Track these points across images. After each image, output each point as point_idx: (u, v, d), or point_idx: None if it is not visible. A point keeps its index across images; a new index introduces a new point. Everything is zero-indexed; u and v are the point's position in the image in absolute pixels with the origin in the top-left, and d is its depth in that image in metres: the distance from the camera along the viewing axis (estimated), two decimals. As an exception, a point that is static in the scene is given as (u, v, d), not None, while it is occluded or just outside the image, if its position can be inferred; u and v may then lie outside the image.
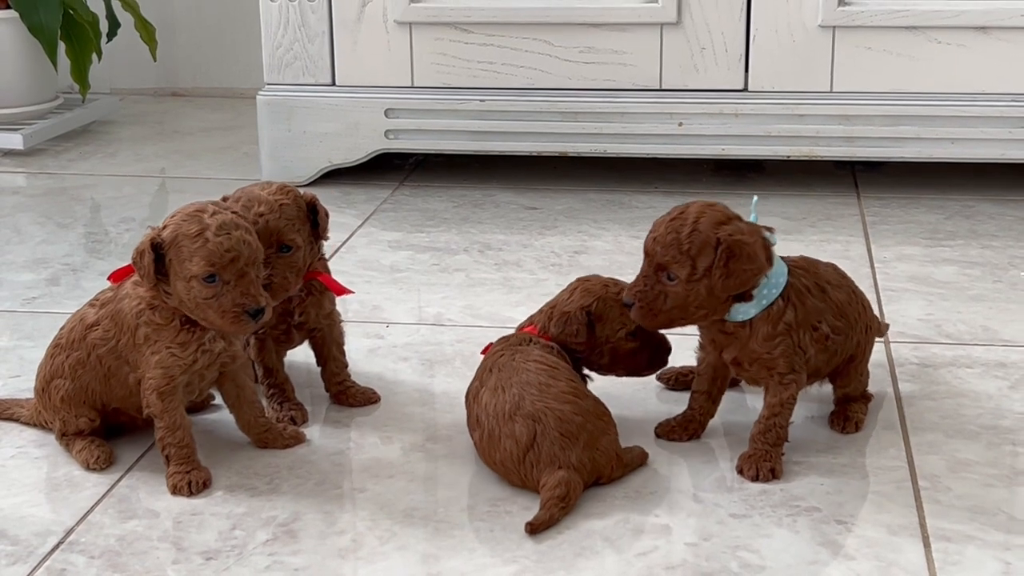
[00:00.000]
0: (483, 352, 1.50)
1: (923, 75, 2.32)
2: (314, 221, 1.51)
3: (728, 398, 1.53)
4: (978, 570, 1.23)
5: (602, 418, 1.39)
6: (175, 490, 1.38)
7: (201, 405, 1.56)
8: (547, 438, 1.33)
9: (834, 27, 2.30)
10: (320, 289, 1.57)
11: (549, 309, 1.49)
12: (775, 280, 1.39)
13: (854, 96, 2.34)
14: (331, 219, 1.56)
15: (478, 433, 1.39)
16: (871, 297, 1.85)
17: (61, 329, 1.47)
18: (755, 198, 1.50)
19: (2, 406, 1.55)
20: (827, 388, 1.53)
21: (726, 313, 1.39)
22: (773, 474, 1.40)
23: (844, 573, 1.23)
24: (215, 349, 1.40)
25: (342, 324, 1.62)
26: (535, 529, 1.29)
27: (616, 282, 1.50)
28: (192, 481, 1.38)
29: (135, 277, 1.39)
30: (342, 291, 1.56)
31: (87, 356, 1.43)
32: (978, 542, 1.28)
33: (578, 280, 1.52)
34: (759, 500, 1.36)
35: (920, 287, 1.96)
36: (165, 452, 1.40)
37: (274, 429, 1.48)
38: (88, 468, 1.43)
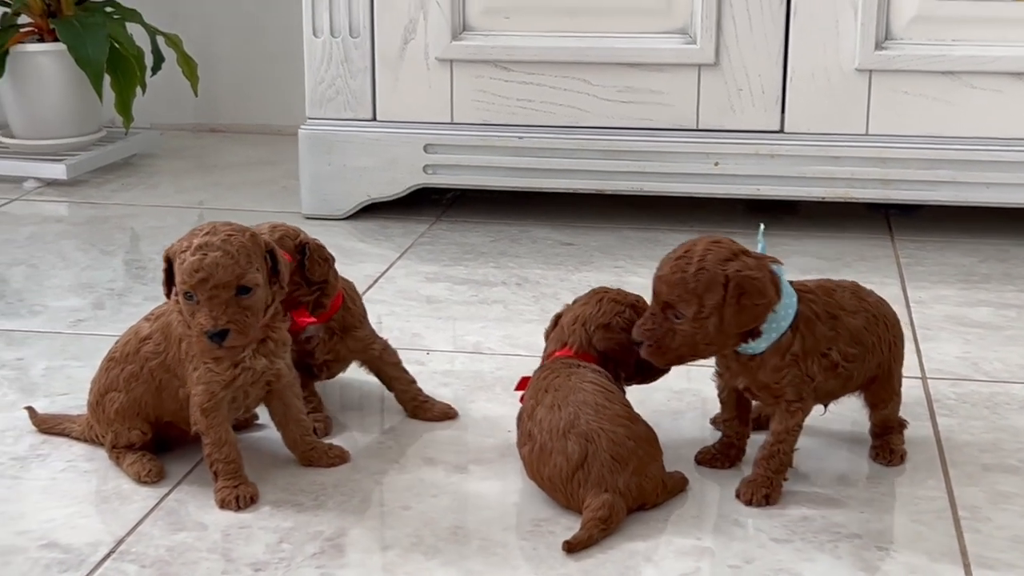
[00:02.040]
0: (518, 388, 1.52)
1: (958, 119, 2.34)
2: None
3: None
4: (1020, 597, 1.24)
5: (652, 444, 1.40)
6: (223, 504, 1.40)
7: (246, 423, 1.59)
8: (598, 460, 1.35)
9: (870, 71, 2.33)
10: (342, 328, 1.60)
11: (580, 327, 1.50)
12: (783, 313, 1.39)
13: (889, 139, 2.36)
14: (369, 251, 1.59)
15: (528, 447, 1.40)
16: (907, 337, 1.87)
17: (116, 343, 1.50)
18: (762, 226, 1.50)
19: (53, 421, 1.58)
20: (861, 420, 1.55)
21: (735, 348, 1.40)
22: (767, 500, 1.41)
23: (886, 597, 1.24)
24: (257, 367, 1.42)
25: (385, 345, 1.65)
26: (572, 548, 1.31)
27: (626, 292, 1.53)
28: (240, 496, 1.40)
29: None
30: (303, 323, 1.56)
31: (140, 369, 1.46)
32: (1019, 570, 1.29)
33: (592, 293, 1.53)
34: (800, 526, 1.37)
35: (956, 327, 1.97)
36: (213, 467, 1.43)
37: (319, 448, 1.50)
38: (139, 481, 1.45)
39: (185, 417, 1.45)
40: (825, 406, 1.53)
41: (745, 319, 1.36)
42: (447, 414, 1.63)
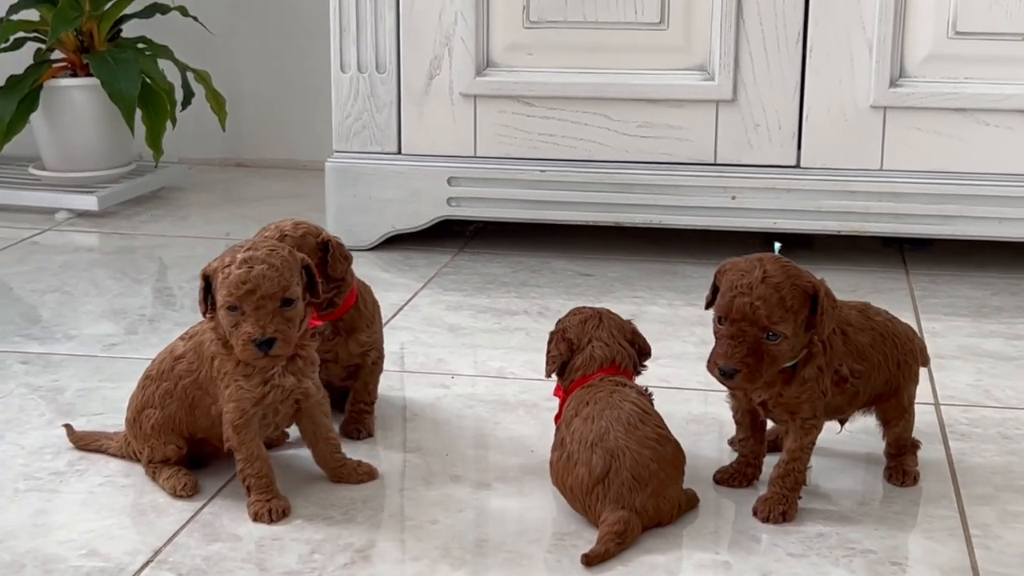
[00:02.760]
0: (556, 393, 1.57)
1: (971, 156, 2.39)
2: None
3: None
4: (1029, 609, 1.28)
5: (675, 467, 1.44)
6: (256, 517, 1.45)
7: (277, 441, 1.63)
8: (619, 476, 1.39)
9: (885, 108, 2.38)
10: (348, 328, 1.65)
11: (616, 343, 1.54)
12: None
13: (903, 174, 2.41)
14: (394, 280, 1.64)
15: (557, 453, 1.45)
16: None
17: (152, 362, 1.55)
18: (777, 245, 1.54)
19: (91, 438, 1.63)
20: (876, 442, 1.59)
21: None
22: (784, 517, 1.45)
23: (899, 609, 1.28)
24: (286, 384, 1.47)
25: (380, 357, 1.71)
26: (591, 561, 1.35)
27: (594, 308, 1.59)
28: (272, 509, 1.45)
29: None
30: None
31: (174, 386, 1.51)
32: (1029, 584, 1.33)
33: (595, 311, 1.57)
34: (816, 542, 1.41)
35: (969, 356, 2.01)
36: (246, 483, 1.47)
37: (348, 465, 1.55)
38: (175, 495, 1.50)
39: (217, 433, 1.50)
40: (842, 424, 1.57)
41: (829, 327, 1.40)
42: (361, 432, 1.68)
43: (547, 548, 1.39)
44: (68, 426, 1.66)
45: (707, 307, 1.46)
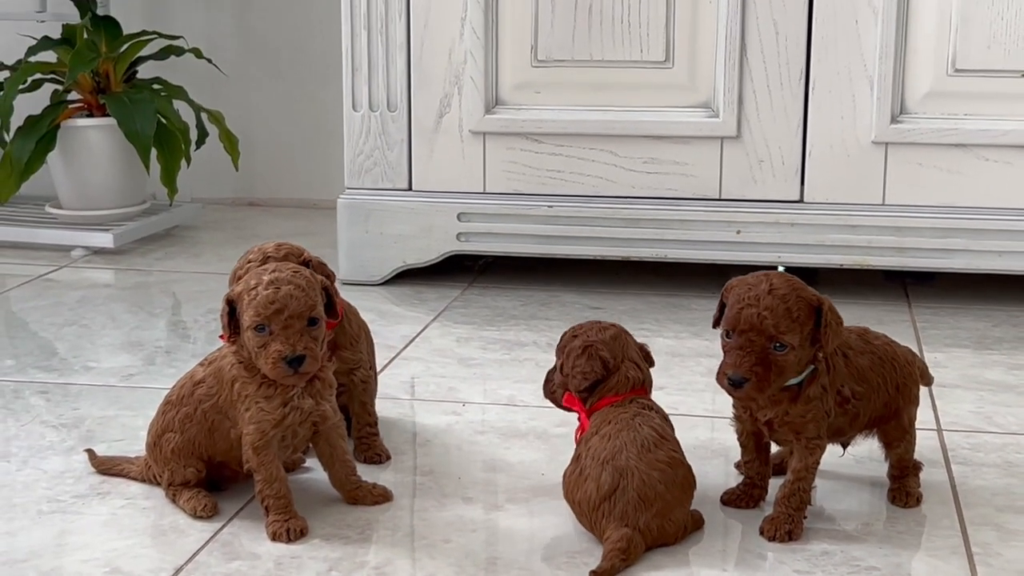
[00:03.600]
0: (570, 403, 1.60)
1: (971, 190, 2.44)
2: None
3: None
4: (1029, 622, 1.31)
5: (683, 491, 1.47)
6: (275, 537, 1.48)
7: (293, 465, 1.67)
8: (626, 495, 1.43)
9: (887, 143, 2.43)
10: (330, 347, 1.68)
11: (632, 362, 1.58)
12: None
13: (905, 209, 2.45)
14: (405, 314, 1.67)
15: (572, 468, 1.49)
16: (923, 393, 1.95)
17: (172, 388, 1.60)
18: (780, 268, 1.59)
19: (112, 462, 1.67)
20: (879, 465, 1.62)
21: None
22: (790, 536, 1.48)
23: (903, 622, 1.32)
24: (304, 407, 1.51)
25: (369, 378, 1.75)
26: None
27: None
28: (291, 529, 1.48)
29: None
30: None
31: (194, 411, 1.55)
32: (1029, 599, 1.36)
33: (619, 328, 1.59)
34: (821, 559, 1.45)
35: (970, 384, 2.05)
36: (264, 503, 1.51)
37: (364, 487, 1.59)
38: (195, 516, 1.53)
39: (236, 456, 1.54)
40: (844, 447, 1.61)
41: (835, 341, 1.45)
42: (380, 456, 1.72)
43: (558, 566, 1.42)
44: (90, 451, 1.70)
45: (715, 325, 1.50)
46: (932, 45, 2.40)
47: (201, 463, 1.57)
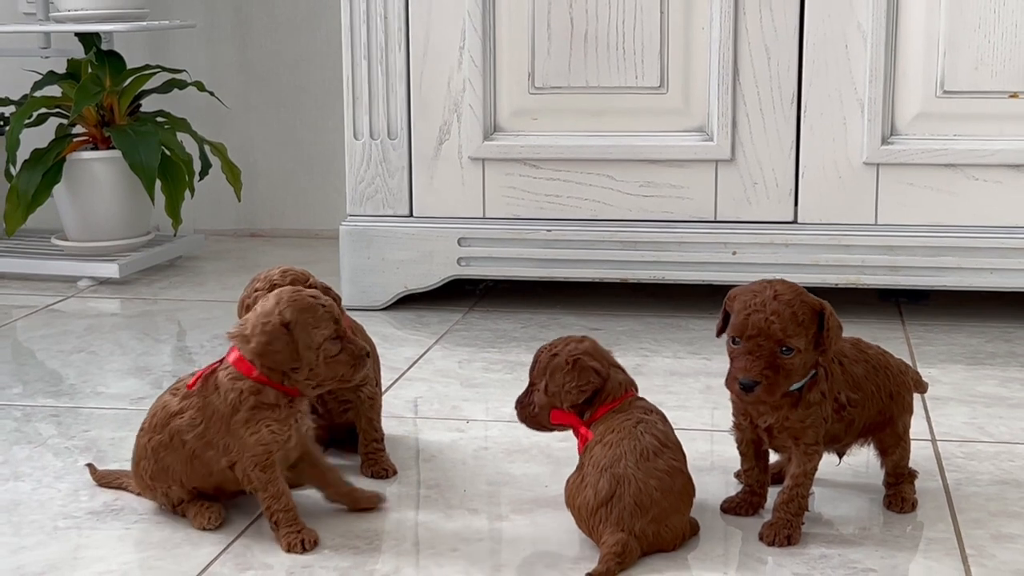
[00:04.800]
0: (569, 420, 1.63)
1: (962, 209, 2.48)
2: None
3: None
4: (1022, 618, 1.35)
5: (681, 499, 1.51)
6: (290, 548, 1.52)
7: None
8: (622, 502, 1.46)
9: (878, 164, 2.48)
10: None
11: (615, 367, 1.61)
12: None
13: (897, 228, 2.50)
14: (408, 337, 1.72)
15: (574, 475, 1.53)
16: (918, 406, 1.99)
17: (145, 417, 1.63)
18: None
19: (111, 476, 1.72)
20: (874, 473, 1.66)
21: None
22: (789, 541, 1.52)
23: (899, 620, 1.35)
24: (302, 429, 1.57)
25: (376, 395, 1.79)
26: None
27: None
28: (304, 539, 1.52)
29: (228, 372, 1.55)
30: None
31: (169, 439, 1.58)
32: (1022, 597, 1.40)
33: (591, 340, 1.62)
34: (819, 562, 1.48)
35: (964, 396, 2.09)
36: (273, 518, 1.55)
37: (357, 489, 1.64)
38: (203, 529, 1.57)
39: (213, 483, 1.59)
40: (840, 456, 1.65)
41: (836, 345, 1.49)
42: (386, 471, 1.76)
43: (562, 572, 1.46)
44: (91, 465, 1.74)
45: (719, 334, 1.54)
46: (920, 68, 2.45)
47: (180, 486, 1.60)
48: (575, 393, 1.58)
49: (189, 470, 1.58)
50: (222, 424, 1.55)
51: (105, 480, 1.72)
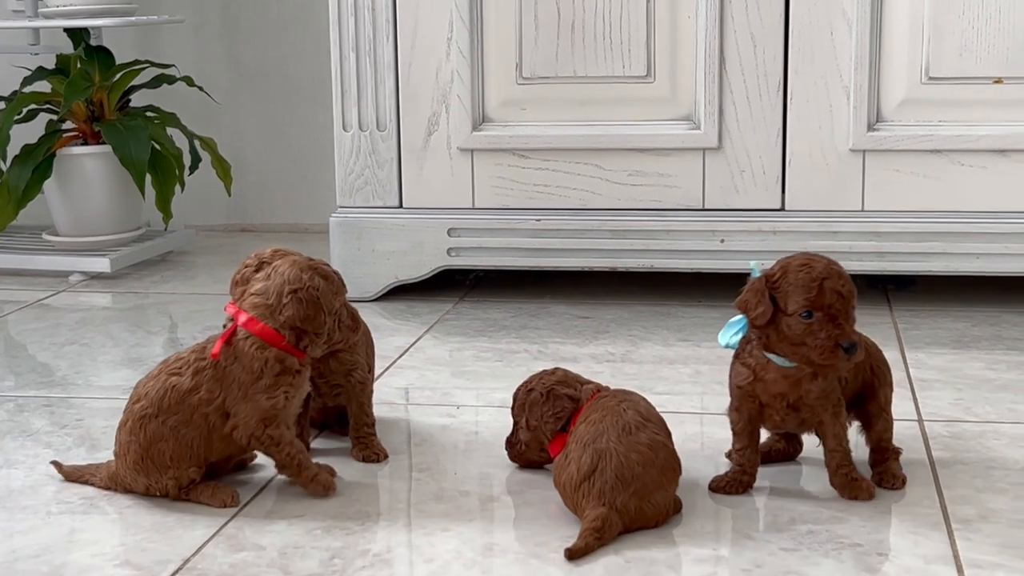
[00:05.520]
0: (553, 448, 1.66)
1: (947, 195, 2.50)
2: None
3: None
4: (1007, 589, 1.37)
5: (664, 474, 1.53)
6: (327, 488, 1.62)
7: (244, 464, 1.73)
8: (604, 476, 1.48)
9: (864, 151, 2.50)
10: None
11: (584, 388, 1.68)
12: None
13: (884, 214, 2.52)
14: (399, 327, 1.75)
15: (561, 455, 1.55)
16: (904, 388, 2.01)
17: (136, 404, 1.63)
18: (752, 263, 1.65)
19: (78, 473, 1.71)
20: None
21: None
22: (871, 493, 1.60)
23: (886, 592, 1.37)
24: (304, 391, 1.64)
25: (367, 381, 1.80)
26: (573, 555, 1.44)
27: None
28: (328, 478, 1.63)
29: (251, 342, 1.58)
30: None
31: (189, 417, 1.60)
32: (1006, 568, 1.41)
33: (546, 374, 1.70)
34: (807, 538, 1.50)
35: (950, 378, 2.11)
36: (295, 460, 1.61)
37: (322, 471, 1.66)
38: (225, 506, 1.60)
39: (227, 451, 1.63)
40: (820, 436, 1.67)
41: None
42: (377, 455, 1.77)
43: (553, 549, 1.47)
44: (56, 463, 1.74)
45: (766, 323, 1.55)
46: (906, 54, 2.47)
47: (199, 464, 1.62)
48: (552, 422, 1.65)
49: (208, 444, 1.61)
50: (240, 391, 1.58)
51: (72, 477, 1.71)
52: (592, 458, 1.49)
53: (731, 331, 1.62)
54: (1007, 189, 2.48)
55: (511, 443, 1.72)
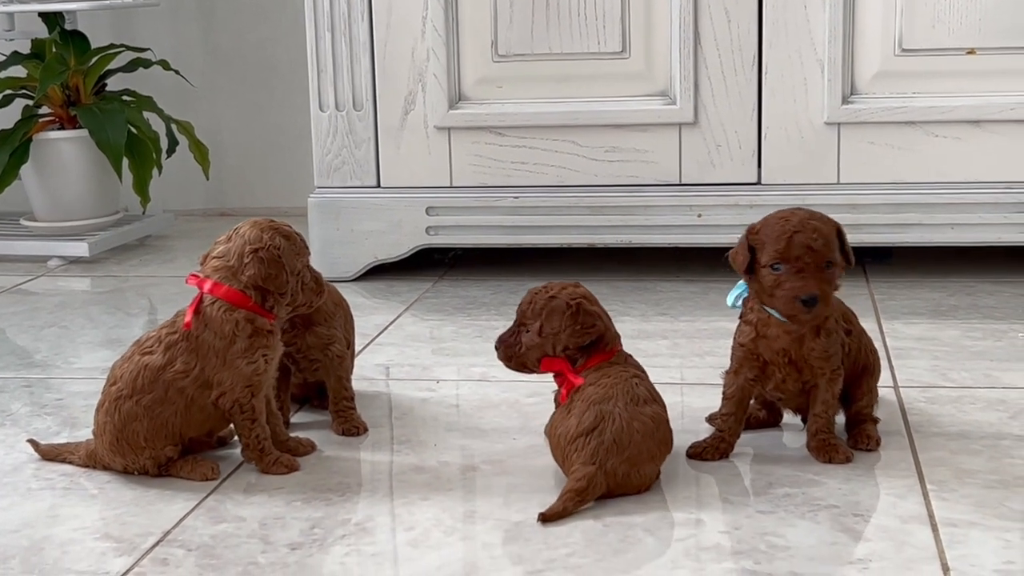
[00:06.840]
0: (559, 366, 1.63)
1: (922, 166, 2.52)
2: None
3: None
4: (981, 546, 1.38)
5: (660, 447, 1.54)
6: (290, 467, 1.63)
7: (223, 441, 1.74)
8: (602, 436, 1.49)
9: (839, 124, 2.51)
10: (304, 323, 1.75)
11: (609, 319, 1.64)
12: None
13: (859, 187, 2.53)
14: (379, 306, 1.76)
15: (560, 409, 1.56)
16: (881, 358, 2.03)
17: (112, 385, 1.63)
18: (730, 297, 1.68)
19: (55, 452, 1.71)
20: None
21: None
22: (847, 457, 1.61)
23: (862, 551, 1.38)
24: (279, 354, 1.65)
25: (345, 355, 1.81)
26: (547, 519, 1.45)
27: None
28: (289, 460, 1.64)
29: (218, 306, 1.58)
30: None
31: (164, 394, 1.60)
32: (981, 527, 1.43)
33: (571, 285, 1.64)
34: (783, 500, 1.51)
35: (927, 346, 2.12)
36: (260, 445, 1.61)
37: (292, 439, 1.69)
38: (207, 480, 1.61)
39: (207, 426, 1.63)
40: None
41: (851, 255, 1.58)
42: (357, 428, 1.78)
43: (532, 515, 1.48)
44: (33, 441, 1.73)
45: (745, 271, 1.58)
46: (879, 27, 2.48)
47: (175, 442, 1.62)
48: (578, 336, 1.58)
49: (187, 419, 1.61)
50: (218, 358, 1.58)
51: (50, 456, 1.71)
52: (595, 417, 1.50)
53: (736, 292, 1.63)
54: (981, 160, 2.50)
55: (507, 343, 1.63)
